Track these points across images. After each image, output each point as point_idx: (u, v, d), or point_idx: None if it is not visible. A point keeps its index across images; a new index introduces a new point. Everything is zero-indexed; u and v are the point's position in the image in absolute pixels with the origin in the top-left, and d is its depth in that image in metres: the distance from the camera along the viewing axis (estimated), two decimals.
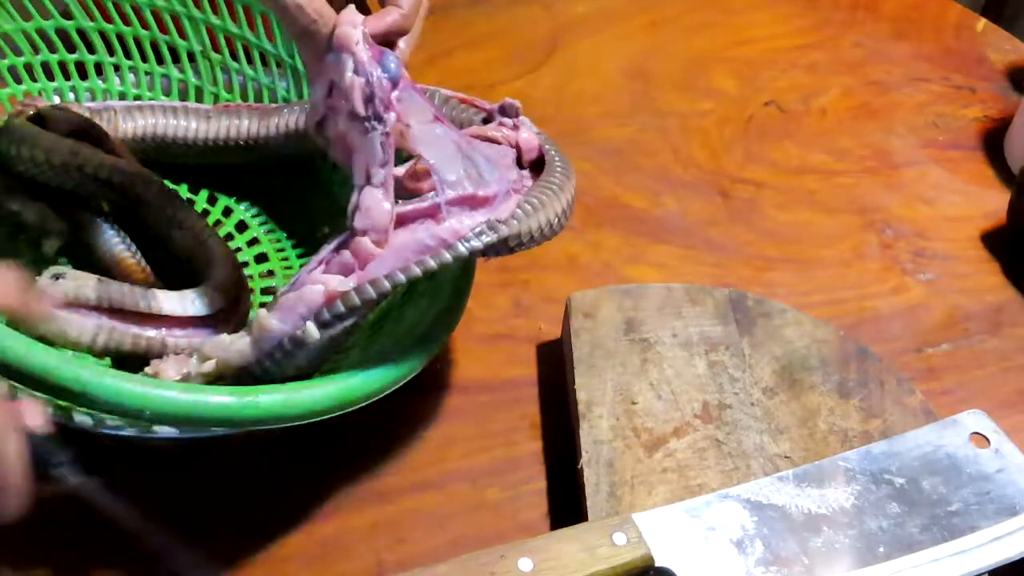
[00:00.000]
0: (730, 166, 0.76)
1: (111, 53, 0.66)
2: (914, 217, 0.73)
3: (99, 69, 0.67)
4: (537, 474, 0.56)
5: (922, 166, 0.77)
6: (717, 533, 0.49)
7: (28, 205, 0.57)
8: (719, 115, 0.80)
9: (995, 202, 0.73)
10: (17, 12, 0.62)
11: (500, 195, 0.48)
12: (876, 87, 0.84)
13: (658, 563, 0.47)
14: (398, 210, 0.47)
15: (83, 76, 0.66)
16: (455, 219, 0.47)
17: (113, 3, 0.64)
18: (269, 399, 0.44)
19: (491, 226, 0.47)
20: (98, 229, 0.58)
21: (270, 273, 0.63)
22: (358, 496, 0.53)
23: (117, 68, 0.67)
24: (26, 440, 0.39)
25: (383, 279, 0.46)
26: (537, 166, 0.53)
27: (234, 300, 0.56)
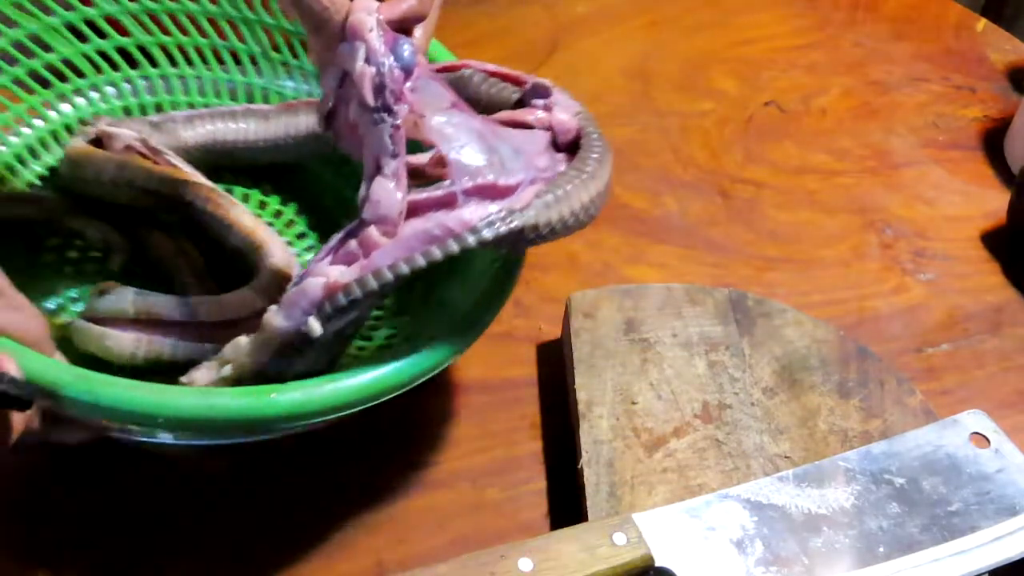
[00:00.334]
0: (730, 166, 0.76)
1: (174, 64, 0.66)
2: (914, 217, 0.73)
3: (165, 82, 0.66)
4: (537, 474, 0.56)
5: (922, 166, 0.77)
6: (717, 533, 0.49)
7: (90, 224, 0.59)
8: (719, 115, 0.80)
9: (995, 202, 0.73)
10: (74, 36, 0.62)
11: (523, 184, 0.46)
12: (876, 87, 0.84)
13: (658, 563, 0.47)
14: (412, 198, 0.45)
15: (149, 91, 0.66)
16: (468, 208, 0.45)
17: (168, 16, 0.64)
18: (287, 398, 0.42)
19: (505, 216, 0.45)
20: (156, 240, 0.59)
21: None
22: (358, 496, 0.53)
23: (183, 79, 0.66)
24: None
25: (385, 269, 0.44)
26: (575, 149, 0.50)
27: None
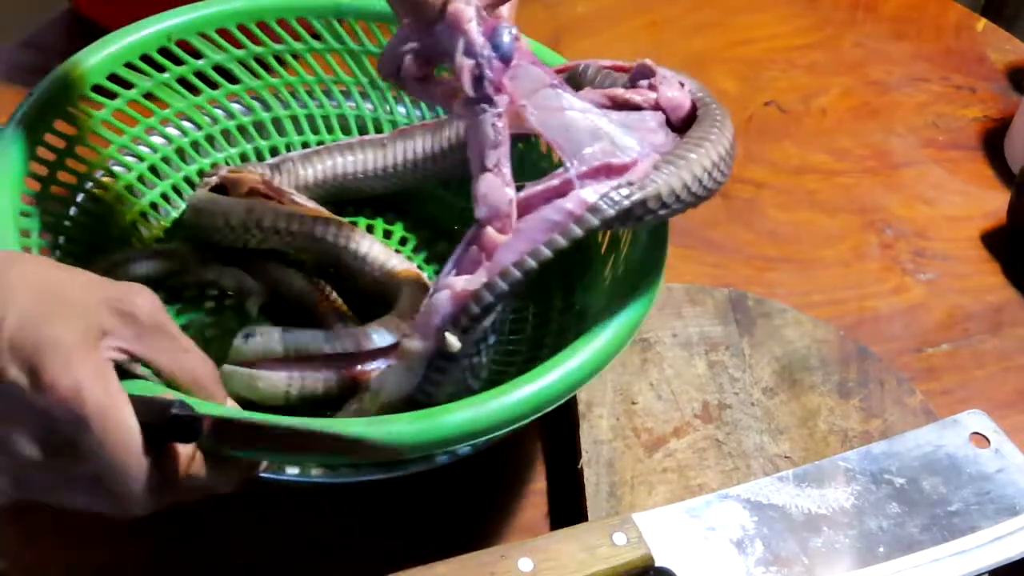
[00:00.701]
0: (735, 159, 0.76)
1: (285, 107, 0.66)
2: (914, 217, 0.73)
3: (278, 124, 0.66)
4: (537, 474, 0.56)
5: (922, 166, 0.77)
6: (717, 533, 0.49)
7: (224, 272, 0.59)
8: None
9: (995, 202, 0.73)
10: (186, 90, 0.61)
11: (640, 160, 0.43)
12: (876, 87, 0.84)
13: (658, 563, 0.47)
14: (526, 192, 0.43)
15: (263, 134, 0.66)
16: (585, 190, 0.42)
17: (275, 57, 0.64)
18: (458, 416, 0.41)
19: (625, 190, 0.42)
20: (290, 279, 0.59)
21: None
22: (356, 495, 0.53)
23: (294, 119, 0.66)
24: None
25: (512, 268, 0.42)
26: (692, 124, 0.48)
27: None
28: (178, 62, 0.60)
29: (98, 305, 0.38)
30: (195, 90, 0.62)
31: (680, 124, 0.48)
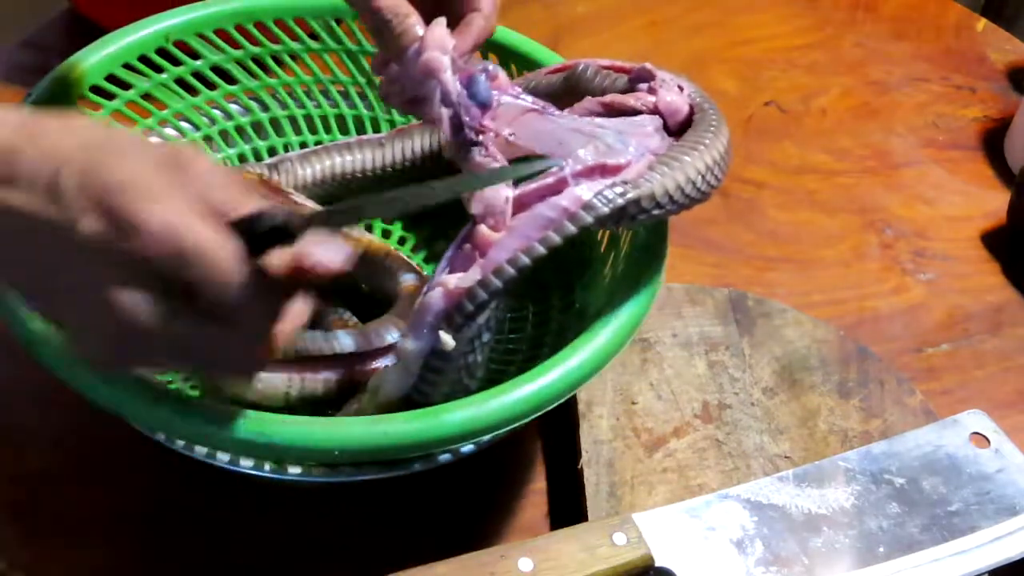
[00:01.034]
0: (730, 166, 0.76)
1: (283, 107, 0.66)
2: (914, 217, 0.73)
3: (276, 125, 0.66)
4: (537, 474, 0.56)
5: (922, 166, 0.77)
6: (717, 533, 0.49)
7: None
8: None
9: (995, 202, 0.73)
10: (183, 90, 0.61)
11: (634, 161, 0.44)
12: (876, 87, 0.84)
13: (658, 563, 0.47)
14: (521, 190, 0.43)
15: (261, 135, 0.65)
16: (580, 187, 0.42)
17: (272, 57, 0.64)
18: (456, 416, 0.41)
19: (619, 188, 0.42)
20: None
21: None
22: (356, 495, 0.53)
23: (292, 119, 0.66)
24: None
25: (506, 265, 0.42)
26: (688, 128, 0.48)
27: None
28: (176, 63, 0.60)
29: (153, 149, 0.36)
30: (193, 91, 0.62)
31: (677, 128, 0.48)
